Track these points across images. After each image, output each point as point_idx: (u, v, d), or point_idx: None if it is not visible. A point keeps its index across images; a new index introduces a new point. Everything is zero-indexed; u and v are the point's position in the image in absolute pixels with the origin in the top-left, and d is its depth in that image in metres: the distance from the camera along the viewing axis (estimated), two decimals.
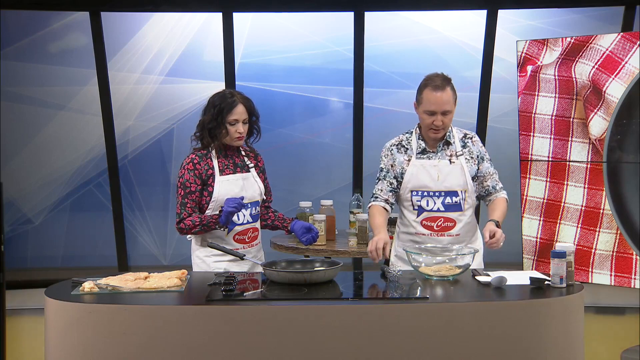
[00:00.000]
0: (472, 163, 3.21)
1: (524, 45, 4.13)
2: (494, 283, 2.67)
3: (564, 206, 4.07)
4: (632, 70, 3.81)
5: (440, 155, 3.20)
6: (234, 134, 3.11)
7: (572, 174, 4.04)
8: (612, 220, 3.95)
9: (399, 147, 3.26)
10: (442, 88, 3.09)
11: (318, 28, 5.30)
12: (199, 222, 3.08)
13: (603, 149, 3.95)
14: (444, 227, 3.17)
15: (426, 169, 3.18)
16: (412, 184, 3.19)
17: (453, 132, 3.24)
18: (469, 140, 3.25)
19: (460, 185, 3.17)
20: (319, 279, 2.73)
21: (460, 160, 3.19)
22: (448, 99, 3.10)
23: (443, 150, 3.20)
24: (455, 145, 3.21)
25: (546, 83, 4.07)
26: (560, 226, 4.09)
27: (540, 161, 4.12)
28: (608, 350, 4.28)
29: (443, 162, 3.19)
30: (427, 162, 3.19)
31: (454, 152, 3.20)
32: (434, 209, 3.16)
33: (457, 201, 3.17)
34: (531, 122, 4.13)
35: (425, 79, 3.16)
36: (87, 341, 2.44)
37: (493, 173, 3.27)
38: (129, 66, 5.26)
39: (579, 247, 4.02)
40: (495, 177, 3.27)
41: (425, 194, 3.17)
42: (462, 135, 3.26)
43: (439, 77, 3.13)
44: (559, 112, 4.05)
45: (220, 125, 3.10)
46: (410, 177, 3.19)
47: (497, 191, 3.26)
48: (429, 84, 3.11)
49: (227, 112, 3.09)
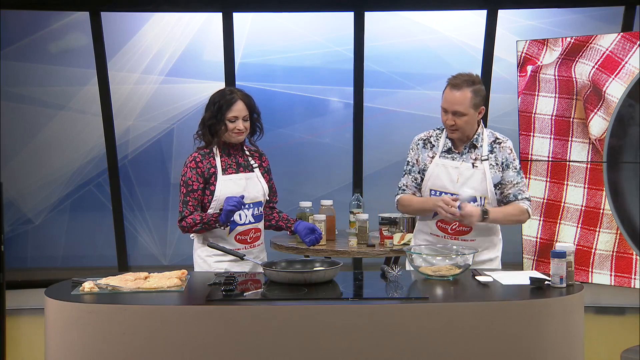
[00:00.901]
0: (496, 170, 3.12)
1: (524, 45, 4.13)
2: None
3: (564, 206, 4.07)
4: (632, 70, 3.81)
5: (464, 158, 3.12)
6: (233, 130, 3.11)
7: (572, 174, 4.04)
8: (612, 220, 3.95)
9: (426, 142, 3.21)
10: (458, 87, 3.03)
11: (318, 28, 5.30)
12: (199, 221, 3.08)
13: (603, 149, 3.96)
14: (459, 231, 3.11)
15: (447, 169, 3.12)
16: (432, 182, 3.14)
17: (483, 136, 3.15)
18: (497, 145, 3.15)
19: (480, 191, 3.09)
20: (319, 279, 2.73)
21: (484, 166, 3.10)
22: (461, 99, 3.02)
23: (469, 152, 3.13)
24: (482, 149, 3.13)
25: (546, 83, 4.07)
26: (560, 226, 4.09)
27: (540, 161, 4.12)
28: (608, 350, 4.28)
29: (466, 164, 3.11)
30: (449, 162, 3.13)
31: (479, 156, 3.11)
32: None
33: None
34: (531, 122, 4.13)
35: (451, 76, 3.10)
36: (87, 341, 2.44)
37: (517, 182, 3.13)
38: (129, 66, 5.25)
39: (579, 247, 4.02)
40: (519, 187, 3.13)
41: (442, 195, 3.10)
42: (492, 140, 3.16)
43: (462, 77, 3.06)
44: (559, 112, 4.05)
45: (220, 122, 3.10)
46: (430, 175, 3.15)
47: (518, 200, 3.13)
48: (449, 81, 3.08)
49: (227, 109, 3.09)
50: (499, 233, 3.23)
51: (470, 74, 3.09)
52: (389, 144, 5.24)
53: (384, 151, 5.26)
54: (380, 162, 5.32)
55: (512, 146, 3.19)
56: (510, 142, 3.20)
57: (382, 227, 3.83)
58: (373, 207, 4.28)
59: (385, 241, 3.78)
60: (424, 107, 5.17)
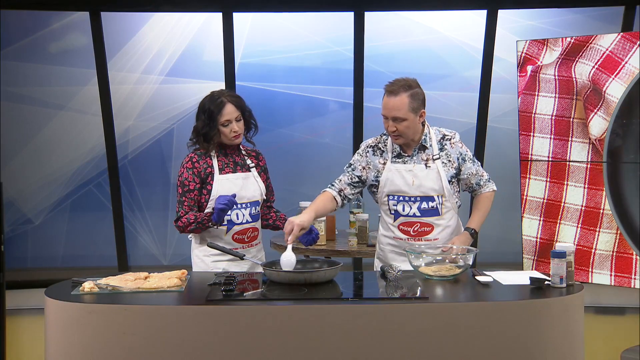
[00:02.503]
0: (449, 167, 3.15)
1: (524, 45, 4.13)
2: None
3: (564, 206, 4.07)
4: (632, 70, 3.81)
5: (415, 160, 3.14)
6: (229, 134, 3.11)
7: (572, 174, 4.04)
8: (612, 220, 3.94)
9: (375, 149, 3.21)
10: (394, 93, 3.03)
11: (318, 28, 5.30)
12: (193, 220, 3.08)
13: (603, 149, 3.95)
14: (421, 232, 3.14)
15: (401, 173, 3.13)
16: (388, 188, 3.15)
17: (430, 135, 3.17)
18: (447, 142, 3.18)
19: (436, 190, 3.12)
20: (319, 279, 2.73)
21: (437, 165, 3.13)
22: (399, 105, 3.02)
23: (419, 154, 3.14)
24: (432, 149, 3.15)
25: (546, 83, 4.07)
26: (560, 226, 4.09)
27: (540, 161, 4.12)
28: (608, 350, 4.28)
29: (418, 166, 3.13)
30: (402, 166, 3.14)
31: (430, 156, 3.14)
32: (410, 214, 3.13)
33: (434, 206, 3.13)
34: (531, 122, 4.13)
35: (388, 82, 3.10)
36: (87, 341, 2.44)
37: (477, 171, 3.21)
38: (129, 66, 5.26)
39: (579, 247, 4.02)
40: (479, 174, 3.21)
41: (401, 199, 3.14)
42: (440, 137, 3.18)
43: (399, 82, 3.06)
44: (559, 112, 4.05)
45: (213, 129, 3.10)
46: (385, 181, 3.15)
47: (481, 187, 3.22)
48: (386, 88, 3.07)
49: (218, 114, 3.09)
50: (460, 228, 3.26)
51: (406, 79, 3.09)
52: None
53: None
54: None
55: (460, 138, 3.22)
56: (458, 135, 3.23)
57: None
58: (373, 207, 4.27)
59: None
60: None
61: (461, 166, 3.17)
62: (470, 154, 3.22)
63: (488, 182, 3.24)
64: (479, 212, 3.20)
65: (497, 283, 2.74)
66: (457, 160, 3.16)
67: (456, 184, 3.20)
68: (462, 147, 3.21)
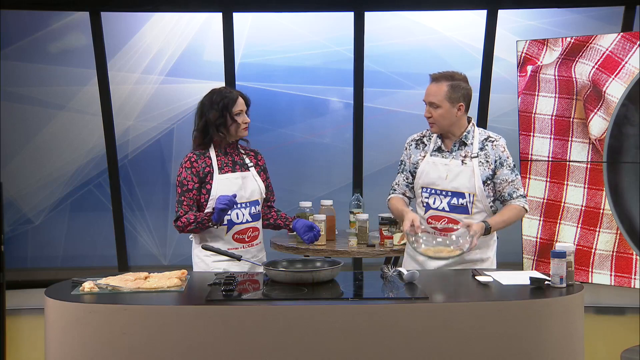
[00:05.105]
0: (486, 167, 3.12)
1: (524, 45, 4.13)
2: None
3: (564, 206, 4.07)
4: (632, 70, 3.82)
5: (454, 155, 3.15)
6: (242, 124, 3.15)
7: (572, 174, 4.04)
8: (612, 220, 3.95)
9: (418, 142, 3.24)
10: (436, 80, 3.08)
11: (318, 28, 5.31)
12: (193, 220, 3.08)
13: (603, 149, 3.96)
14: (447, 228, 3.09)
15: (437, 166, 3.15)
16: (422, 180, 3.17)
17: (474, 133, 3.16)
18: (489, 143, 3.16)
19: (468, 187, 3.11)
20: (324, 278, 2.73)
21: (474, 163, 3.12)
22: (436, 91, 3.06)
23: (458, 150, 3.15)
24: (472, 147, 3.14)
25: (546, 83, 4.07)
26: (560, 226, 4.09)
27: (540, 161, 4.13)
28: (608, 350, 4.28)
29: (455, 162, 3.13)
30: (439, 160, 3.16)
31: (469, 153, 3.14)
32: (440, 207, 3.13)
33: (464, 203, 3.11)
34: (531, 122, 4.13)
35: None
36: (87, 341, 2.44)
37: (512, 181, 3.13)
38: (129, 66, 5.26)
39: (579, 247, 4.02)
40: (514, 185, 3.13)
41: (432, 192, 3.15)
42: (484, 138, 3.17)
43: (444, 73, 3.10)
44: (559, 112, 4.05)
45: (227, 120, 3.13)
46: (421, 173, 3.17)
47: (513, 199, 3.13)
48: (431, 76, 3.12)
49: (232, 105, 3.13)
50: (494, 234, 3.22)
51: (454, 72, 3.12)
52: (388, 144, 5.24)
53: (383, 151, 5.27)
54: (380, 162, 5.32)
55: (505, 144, 3.19)
56: (503, 140, 3.21)
57: (382, 227, 3.83)
58: (373, 207, 4.27)
59: (385, 241, 3.78)
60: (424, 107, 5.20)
61: (497, 170, 3.13)
62: (510, 162, 3.16)
63: (521, 198, 3.15)
64: (502, 217, 3.10)
65: (497, 283, 2.73)
66: (494, 163, 3.13)
67: (491, 187, 3.16)
68: (504, 151, 3.16)
